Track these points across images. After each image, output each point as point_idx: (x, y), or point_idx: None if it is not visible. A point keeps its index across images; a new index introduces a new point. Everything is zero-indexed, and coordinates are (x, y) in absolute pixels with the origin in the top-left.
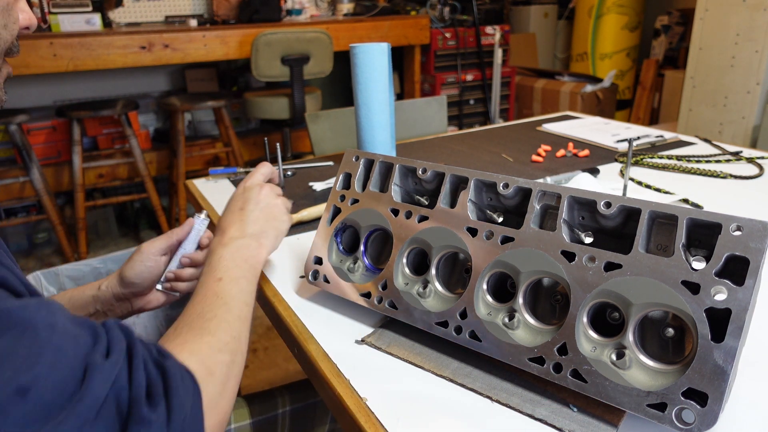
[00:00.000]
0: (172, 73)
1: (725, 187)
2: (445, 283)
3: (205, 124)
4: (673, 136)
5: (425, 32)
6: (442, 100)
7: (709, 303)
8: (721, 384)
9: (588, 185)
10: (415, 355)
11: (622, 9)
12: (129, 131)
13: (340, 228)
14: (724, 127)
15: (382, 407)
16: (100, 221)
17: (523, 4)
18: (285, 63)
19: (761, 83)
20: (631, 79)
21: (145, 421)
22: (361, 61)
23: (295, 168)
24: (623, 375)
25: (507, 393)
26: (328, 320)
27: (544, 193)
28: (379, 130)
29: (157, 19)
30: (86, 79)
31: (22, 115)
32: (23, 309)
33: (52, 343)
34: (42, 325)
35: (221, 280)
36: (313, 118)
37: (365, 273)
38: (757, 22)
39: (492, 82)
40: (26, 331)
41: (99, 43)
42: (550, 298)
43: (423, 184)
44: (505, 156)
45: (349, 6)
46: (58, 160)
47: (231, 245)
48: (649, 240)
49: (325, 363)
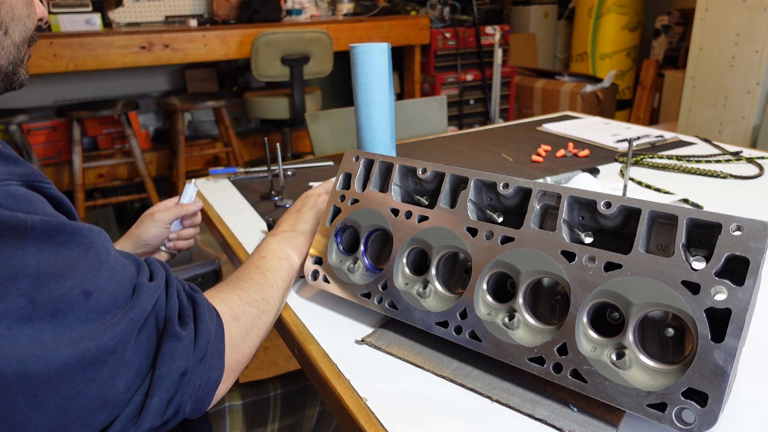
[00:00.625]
0: (172, 73)
1: (725, 187)
2: (445, 283)
3: (205, 124)
4: (673, 136)
5: (425, 32)
6: (442, 100)
7: (709, 303)
8: (721, 384)
9: (588, 185)
10: (415, 355)
11: (622, 9)
12: (129, 131)
13: (340, 228)
14: (724, 127)
15: (382, 407)
16: (100, 221)
17: (523, 4)
18: (285, 63)
19: (761, 83)
20: (631, 79)
21: (177, 336)
22: (361, 61)
23: (295, 168)
24: (623, 375)
25: (507, 393)
26: (328, 320)
27: (544, 193)
28: (379, 130)
29: (157, 19)
30: (86, 79)
31: (22, 115)
32: (89, 231)
33: (108, 263)
34: (101, 248)
35: (264, 258)
36: (313, 118)
37: (365, 273)
38: (757, 22)
39: (492, 82)
40: (90, 249)
41: (99, 43)
42: (550, 298)
43: (423, 184)
44: (505, 156)
45: (349, 6)
46: (58, 160)
47: (281, 235)
48: (649, 240)
49: (325, 363)
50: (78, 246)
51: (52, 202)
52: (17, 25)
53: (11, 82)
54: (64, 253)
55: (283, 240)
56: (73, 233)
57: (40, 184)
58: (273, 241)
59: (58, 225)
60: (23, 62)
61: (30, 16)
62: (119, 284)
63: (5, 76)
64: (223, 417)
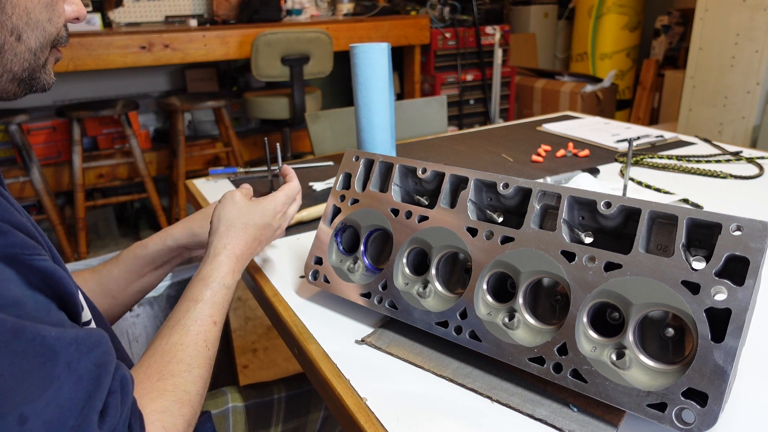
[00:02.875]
0: (172, 73)
1: (725, 187)
2: (445, 283)
3: (205, 124)
4: (673, 136)
5: (425, 32)
6: (442, 100)
7: (709, 303)
8: (721, 384)
9: (588, 185)
10: (415, 355)
11: (622, 9)
12: (129, 131)
13: (340, 228)
14: (724, 127)
15: (382, 407)
16: (100, 221)
17: (523, 4)
18: (285, 63)
19: (761, 83)
20: (631, 79)
21: None
22: (361, 61)
23: (295, 168)
24: (623, 375)
25: (507, 393)
26: (328, 320)
27: (544, 193)
28: (379, 130)
29: (157, 19)
30: (86, 79)
31: (22, 115)
32: (57, 340)
33: (60, 381)
34: (61, 362)
35: (216, 324)
36: (313, 118)
37: (365, 273)
38: (757, 22)
39: (492, 82)
40: (47, 362)
41: (99, 43)
42: (550, 298)
43: (423, 184)
44: (505, 156)
45: (349, 6)
46: (58, 160)
47: (229, 289)
48: (649, 240)
49: (325, 363)
50: (33, 357)
51: (39, 277)
52: (33, 30)
53: (30, 87)
54: (16, 364)
55: (226, 296)
56: (32, 340)
57: (25, 256)
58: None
59: (15, 328)
60: (45, 66)
61: (51, 20)
62: (60, 414)
63: (21, 82)
64: (226, 419)
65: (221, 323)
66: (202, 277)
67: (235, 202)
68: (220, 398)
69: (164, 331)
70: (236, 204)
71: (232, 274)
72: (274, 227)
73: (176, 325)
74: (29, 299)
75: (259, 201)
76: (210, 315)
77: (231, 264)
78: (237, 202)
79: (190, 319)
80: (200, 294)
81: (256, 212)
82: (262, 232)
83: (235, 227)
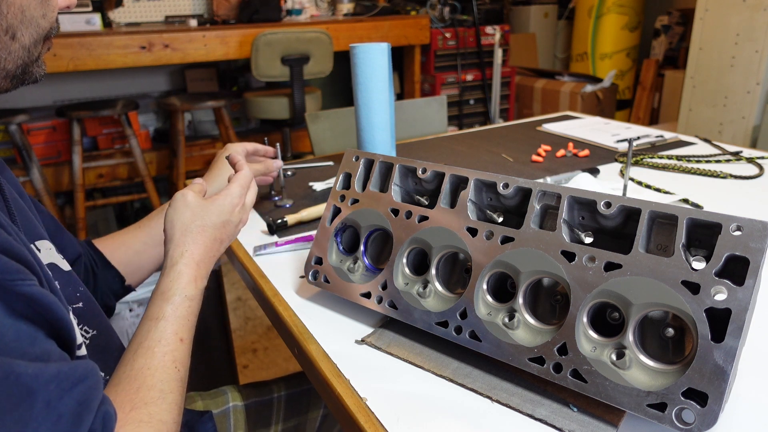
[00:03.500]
0: (172, 73)
1: (725, 187)
2: (445, 283)
3: (205, 124)
4: (673, 136)
5: (425, 32)
6: (442, 100)
7: (709, 303)
8: (721, 384)
9: (588, 185)
10: (415, 355)
11: (622, 9)
12: (129, 131)
13: (340, 228)
14: (724, 127)
15: (382, 407)
16: (100, 221)
17: (523, 4)
18: (285, 63)
19: (761, 83)
20: (631, 79)
21: None
22: (361, 61)
23: (295, 168)
24: (623, 375)
25: (507, 393)
26: (328, 320)
27: (544, 193)
28: (379, 130)
29: (157, 19)
30: (86, 79)
31: (22, 115)
32: (35, 378)
33: (37, 422)
34: (39, 401)
35: (183, 341)
36: (313, 118)
37: (365, 273)
38: (757, 22)
39: (492, 82)
40: (23, 401)
41: (99, 43)
42: (550, 298)
43: (423, 184)
44: (505, 156)
45: (349, 6)
46: (58, 160)
47: (195, 300)
48: (649, 240)
49: (325, 363)
50: (8, 398)
51: (24, 303)
52: (28, 27)
53: (22, 81)
54: None
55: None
56: (6, 378)
57: (7, 282)
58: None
59: None
60: (38, 59)
61: (46, 15)
62: None
63: (14, 78)
64: (227, 418)
65: (189, 339)
66: (161, 292)
67: (188, 203)
68: (220, 398)
69: (127, 355)
70: (189, 205)
71: (195, 282)
72: (234, 222)
73: (139, 348)
74: (9, 329)
75: (213, 198)
76: (175, 332)
77: (191, 272)
78: (190, 204)
79: (153, 340)
80: (160, 311)
81: (212, 211)
82: (222, 230)
83: (191, 231)
